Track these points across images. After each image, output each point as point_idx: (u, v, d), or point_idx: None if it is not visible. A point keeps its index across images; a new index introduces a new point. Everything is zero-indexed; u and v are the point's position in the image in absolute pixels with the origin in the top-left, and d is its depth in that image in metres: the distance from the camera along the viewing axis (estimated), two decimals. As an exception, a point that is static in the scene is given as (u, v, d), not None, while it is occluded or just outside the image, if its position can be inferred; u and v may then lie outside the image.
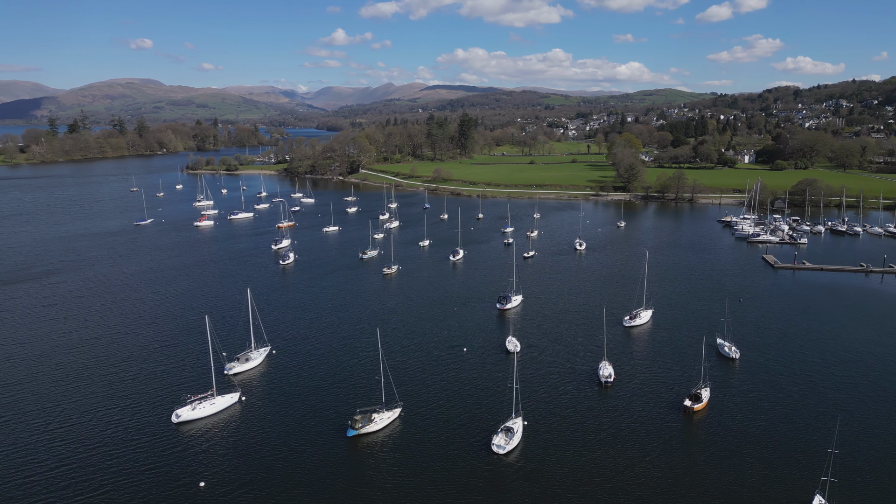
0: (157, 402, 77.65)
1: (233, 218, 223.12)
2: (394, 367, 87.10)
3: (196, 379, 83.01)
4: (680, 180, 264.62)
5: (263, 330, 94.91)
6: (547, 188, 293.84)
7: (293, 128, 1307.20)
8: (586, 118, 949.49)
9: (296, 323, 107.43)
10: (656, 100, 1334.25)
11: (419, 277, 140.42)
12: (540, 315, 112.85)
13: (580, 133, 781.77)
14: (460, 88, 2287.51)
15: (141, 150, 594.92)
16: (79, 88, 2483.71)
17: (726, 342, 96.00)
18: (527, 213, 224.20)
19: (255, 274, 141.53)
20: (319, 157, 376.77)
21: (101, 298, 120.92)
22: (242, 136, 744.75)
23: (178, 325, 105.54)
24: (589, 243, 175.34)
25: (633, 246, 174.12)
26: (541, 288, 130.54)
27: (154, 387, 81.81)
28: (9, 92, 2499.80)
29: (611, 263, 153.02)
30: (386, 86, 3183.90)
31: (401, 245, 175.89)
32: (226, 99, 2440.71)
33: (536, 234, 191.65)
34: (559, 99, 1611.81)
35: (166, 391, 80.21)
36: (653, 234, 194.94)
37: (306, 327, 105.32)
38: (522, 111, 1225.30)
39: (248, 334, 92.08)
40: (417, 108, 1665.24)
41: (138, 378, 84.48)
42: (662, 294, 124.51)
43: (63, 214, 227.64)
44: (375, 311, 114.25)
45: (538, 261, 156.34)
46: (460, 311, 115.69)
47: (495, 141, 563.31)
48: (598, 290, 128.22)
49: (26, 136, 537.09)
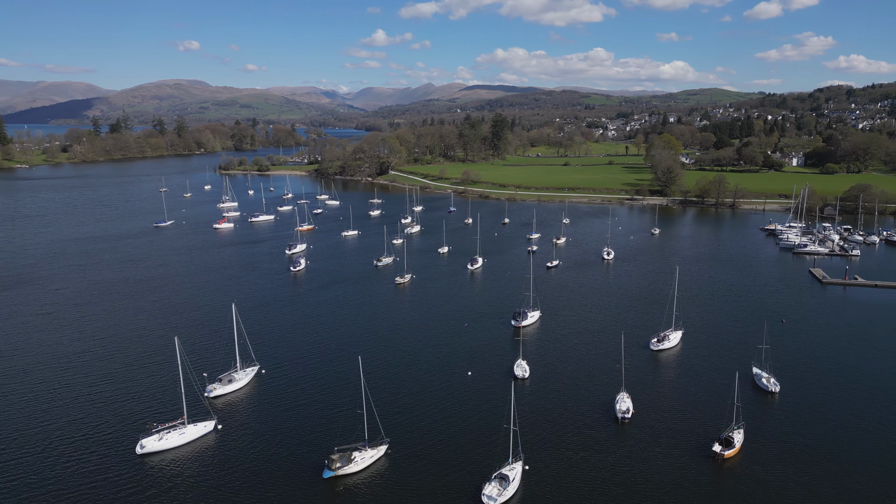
0: (124, 429, 71.20)
1: (253, 220, 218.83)
2: (387, 395, 79.32)
3: (173, 403, 76.30)
4: (721, 184, 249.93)
5: (251, 347, 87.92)
6: (579, 191, 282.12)
7: (332, 128, 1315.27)
8: (627, 118, 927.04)
9: (292, 339, 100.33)
10: (701, 99, 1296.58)
11: (433, 288, 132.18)
12: (556, 334, 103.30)
13: (620, 133, 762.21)
14: (499, 88, 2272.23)
15: (179, 150, 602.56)
16: (129, 89, 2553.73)
17: (765, 372, 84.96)
18: (555, 219, 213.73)
19: (261, 282, 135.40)
20: (349, 158, 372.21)
21: (98, 307, 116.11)
22: (280, 136, 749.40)
23: (164, 342, 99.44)
24: (618, 252, 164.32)
25: (667, 257, 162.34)
26: (561, 303, 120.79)
27: (124, 411, 75.45)
28: (64, 92, 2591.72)
29: (640, 276, 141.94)
30: (426, 86, 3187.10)
31: (418, 252, 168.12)
32: (268, 99, 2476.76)
33: (563, 241, 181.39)
34: (600, 99, 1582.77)
35: (135, 417, 73.75)
36: (689, 244, 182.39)
37: (302, 344, 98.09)
38: (561, 111, 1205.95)
39: (234, 353, 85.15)
40: (456, 108, 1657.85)
41: (111, 401, 78.28)
42: (695, 312, 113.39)
43: (87, 215, 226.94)
44: (379, 327, 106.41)
45: (561, 272, 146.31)
46: (471, 327, 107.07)
47: (530, 141, 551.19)
48: (623, 308, 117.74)
49: (69, 135, 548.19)
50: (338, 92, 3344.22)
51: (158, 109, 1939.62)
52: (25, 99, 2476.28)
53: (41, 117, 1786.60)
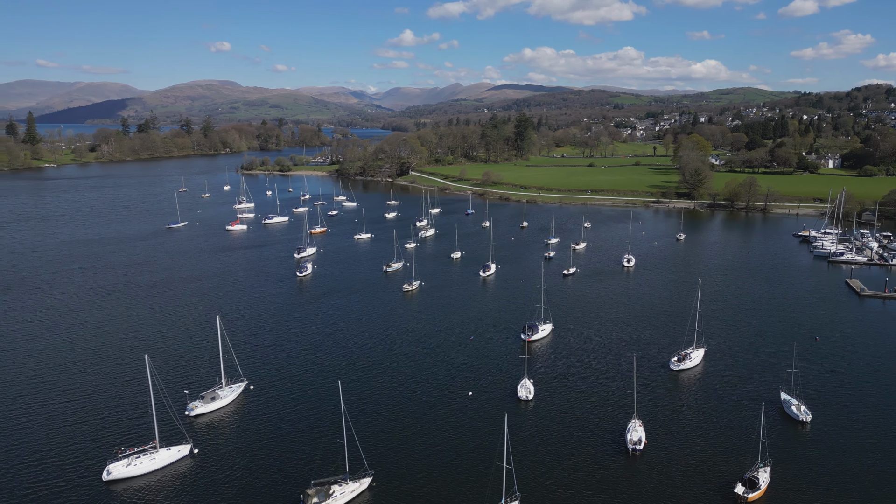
0: (93, 452, 66.56)
1: (267, 222, 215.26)
2: (376, 418, 73.53)
3: (148, 425, 71.36)
4: (752, 187, 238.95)
5: (237, 362, 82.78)
6: (603, 193, 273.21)
7: (360, 128, 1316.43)
8: (656, 118, 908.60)
9: (286, 352, 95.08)
10: (734, 99, 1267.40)
11: (441, 296, 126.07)
12: (568, 350, 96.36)
13: (649, 134, 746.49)
14: (527, 88, 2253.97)
15: (205, 150, 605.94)
16: (162, 90, 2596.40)
17: (794, 399, 77.01)
18: (576, 223, 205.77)
19: (265, 289, 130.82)
20: (370, 159, 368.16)
21: (93, 314, 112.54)
22: (305, 136, 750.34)
23: (151, 355, 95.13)
24: (640, 259, 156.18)
25: (691, 265, 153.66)
26: (575, 315, 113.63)
27: (96, 432, 70.83)
28: (100, 93, 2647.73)
29: (662, 286, 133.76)
30: (453, 86, 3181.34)
31: (430, 257, 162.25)
32: (298, 99, 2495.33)
33: (583, 246, 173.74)
34: (629, 98, 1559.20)
35: (106, 439, 69.05)
36: (715, 251, 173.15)
37: (296, 358, 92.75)
38: (589, 111, 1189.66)
39: (220, 368, 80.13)
40: (483, 108, 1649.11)
41: (84, 420, 73.71)
42: (719, 328, 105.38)
43: (103, 216, 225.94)
44: (379, 340, 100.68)
45: (578, 280, 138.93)
46: (477, 340, 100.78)
47: (555, 142, 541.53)
48: (642, 322, 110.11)
49: (97, 135, 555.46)
50: (366, 92, 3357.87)
51: (190, 109, 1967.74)
52: (63, 99, 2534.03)
53: (78, 117, 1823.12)
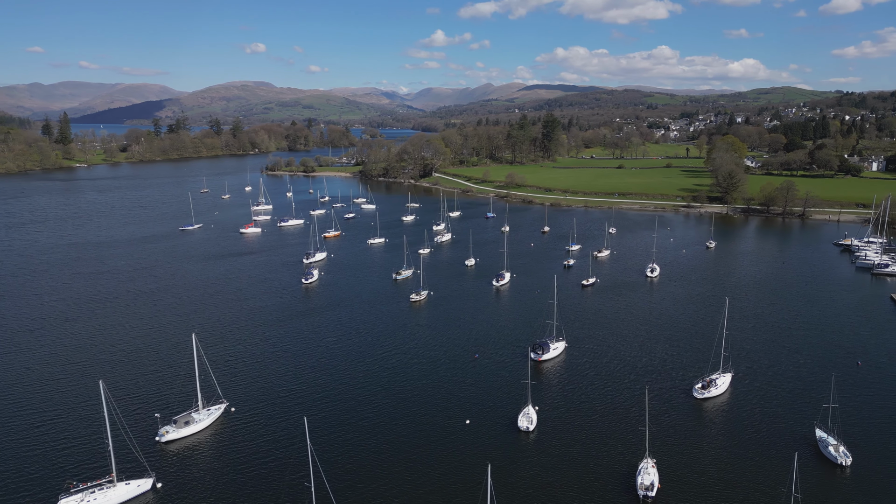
0: (47, 484, 61.25)
1: (282, 225, 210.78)
2: (358, 451, 66.76)
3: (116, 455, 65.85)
4: (789, 191, 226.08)
5: (216, 383, 76.89)
6: (631, 197, 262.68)
7: (390, 128, 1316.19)
8: (691, 118, 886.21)
9: (274, 369, 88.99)
10: (772, 98, 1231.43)
11: (450, 308, 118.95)
12: (579, 373, 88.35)
13: (682, 134, 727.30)
14: (559, 88, 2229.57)
15: (234, 150, 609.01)
16: (199, 91, 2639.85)
17: (832, 438, 67.97)
18: (600, 228, 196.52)
19: (266, 297, 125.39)
20: (393, 160, 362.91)
21: (84, 325, 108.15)
22: (334, 136, 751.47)
23: (128, 372, 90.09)
24: (665, 269, 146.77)
25: (721, 276, 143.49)
26: (591, 332, 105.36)
27: (55, 462, 65.58)
28: (139, 94, 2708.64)
29: (687, 300, 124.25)
30: (485, 86, 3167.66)
31: (444, 264, 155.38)
32: (330, 100, 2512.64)
33: (607, 254, 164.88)
34: (664, 98, 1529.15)
35: (61, 471, 63.67)
36: (748, 260, 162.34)
37: (283, 376, 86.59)
38: (622, 111, 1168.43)
39: (196, 389, 74.41)
40: (514, 108, 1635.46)
41: (47, 448, 68.65)
42: (750, 350, 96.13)
43: (120, 218, 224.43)
44: (376, 357, 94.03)
45: (597, 292, 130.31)
46: (482, 358, 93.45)
47: (584, 142, 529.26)
48: (663, 341, 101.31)
49: (128, 135, 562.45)
50: (398, 93, 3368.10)
51: (225, 110, 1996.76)
52: (104, 100, 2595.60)
53: (117, 117, 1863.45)
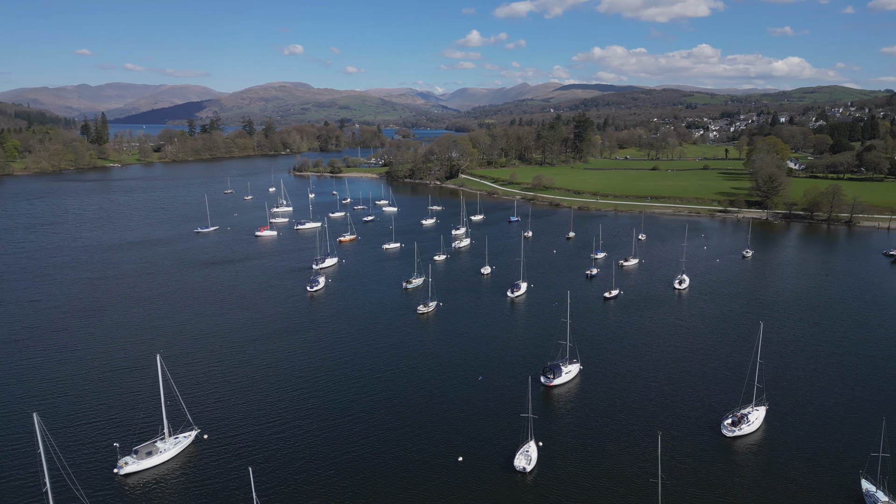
0: (-17, 522, 55.50)
1: (299, 228, 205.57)
2: (330, 494, 59.24)
3: (59, 490, 59.74)
4: (835, 196, 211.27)
5: (186, 408, 70.33)
6: (663, 200, 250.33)
7: (424, 129, 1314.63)
8: (732, 118, 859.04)
9: (256, 392, 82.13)
10: (818, 98, 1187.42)
11: (458, 321, 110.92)
12: (591, 403, 79.42)
13: (722, 135, 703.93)
14: (596, 87, 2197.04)
15: (266, 151, 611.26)
16: (239, 92, 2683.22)
17: (881, 493, 57.94)
18: (628, 234, 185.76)
19: (267, 307, 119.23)
20: (419, 161, 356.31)
21: (69, 337, 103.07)
22: (366, 136, 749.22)
23: (100, 395, 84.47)
24: (696, 281, 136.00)
25: (757, 290, 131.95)
26: (609, 353, 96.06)
27: (9, 493, 59.86)
28: (182, 95, 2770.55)
29: (718, 318, 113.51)
30: (520, 86, 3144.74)
31: (458, 272, 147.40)
32: (366, 101, 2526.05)
33: (634, 263, 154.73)
34: (704, 97, 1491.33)
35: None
36: (789, 272, 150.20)
37: (268, 399, 79.76)
38: (660, 111, 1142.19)
39: (162, 415, 68.04)
40: (550, 108, 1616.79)
41: (-2, 472, 63.09)
42: (788, 380, 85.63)
43: (138, 219, 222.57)
44: (372, 378, 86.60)
45: (620, 306, 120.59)
46: (487, 381, 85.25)
47: (619, 143, 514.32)
48: (690, 367, 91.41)
49: (162, 135, 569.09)
50: (433, 93, 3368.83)
51: (264, 110, 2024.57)
52: (148, 101, 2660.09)
53: (160, 118, 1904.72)
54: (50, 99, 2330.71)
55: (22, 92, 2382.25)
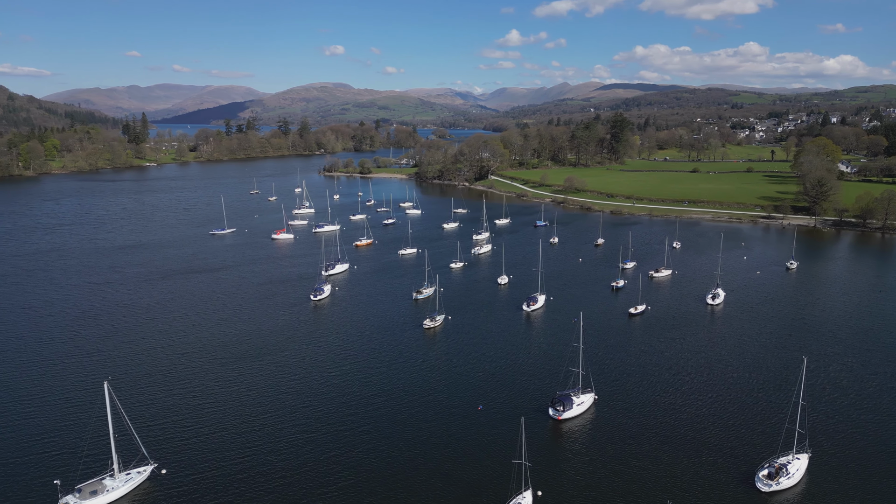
0: None
1: (318, 231, 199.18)
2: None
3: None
4: (890, 202, 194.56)
5: (139, 440, 63.12)
6: (702, 205, 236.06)
7: (461, 129, 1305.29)
8: (780, 118, 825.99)
9: (232, 420, 74.78)
10: (872, 97, 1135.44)
11: (466, 338, 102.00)
12: (603, 443, 69.61)
13: (769, 135, 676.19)
14: (638, 87, 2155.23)
15: (300, 150, 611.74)
16: (281, 92, 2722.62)
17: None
18: (662, 242, 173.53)
19: (261, 322, 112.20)
20: (449, 162, 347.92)
21: (49, 350, 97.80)
22: (400, 137, 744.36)
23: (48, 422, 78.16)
24: (732, 296, 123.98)
25: (802, 309, 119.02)
26: (629, 380, 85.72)
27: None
28: (226, 95, 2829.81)
29: (755, 342, 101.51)
30: (561, 86, 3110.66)
31: (473, 282, 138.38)
32: (405, 101, 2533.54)
33: (667, 274, 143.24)
34: (751, 97, 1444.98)
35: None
36: (839, 288, 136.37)
37: (239, 429, 72.29)
38: (704, 110, 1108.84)
39: (111, 449, 60.99)
40: (590, 107, 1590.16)
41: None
42: (836, 419, 74.20)
43: (158, 220, 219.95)
44: (361, 405, 78.45)
45: (645, 324, 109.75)
46: (487, 411, 76.22)
47: (659, 144, 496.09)
48: (719, 402, 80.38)
49: (198, 135, 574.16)
50: (472, 93, 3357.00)
51: (305, 111, 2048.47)
52: (194, 101, 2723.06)
53: (205, 118, 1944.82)
54: (101, 99, 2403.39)
55: (76, 93, 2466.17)
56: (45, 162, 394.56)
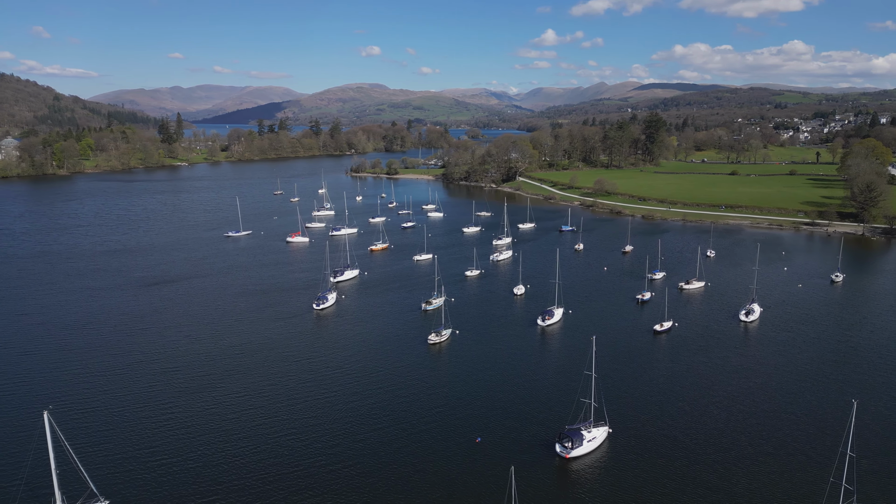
0: None
1: (335, 234, 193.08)
2: None
3: None
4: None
5: (84, 472, 56.57)
6: (740, 210, 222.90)
7: (495, 129, 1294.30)
8: (826, 119, 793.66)
9: (201, 446, 68.26)
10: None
11: (472, 357, 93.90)
12: (618, 487, 60.86)
13: (814, 136, 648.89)
14: (677, 87, 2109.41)
15: (331, 151, 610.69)
16: (318, 93, 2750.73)
17: None
18: (695, 250, 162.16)
19: (257, 333, 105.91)
20: (476, 163, 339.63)
21: (27, 364, 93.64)
22: (432, 137, 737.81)
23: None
24: (768, 312, 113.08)
25: (849, 329, 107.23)
26: (648, 409, 76.41)
27: None
28: (265, 96, 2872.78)
29: (794, 370, 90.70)
30: (597, 85, 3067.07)
31: (487, 291, 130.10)
32: (440, 101, 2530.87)
33: (699, 286, 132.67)
34: (796, 97, 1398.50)
35: None
36: (888, 303, 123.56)
37: (206, 458, 65.68)
38: (746, 110, 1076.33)
39: (53, 487, 54.76)
40: (627, 107, 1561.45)
41: None
42: (891, 472, 63.85)
43: (176, 220, 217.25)
44: (345, 436, 71.19)
45: (672, 342, 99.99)
46: (486, 444, 68.22)
47: (696, 145, 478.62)
48: (749, 444, 70.70)
49: (230, 135, 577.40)
50: (507, 93, 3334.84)
51: (341, 111, 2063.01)
52: (234, 102, 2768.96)
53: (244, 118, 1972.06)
54: (146, 100, 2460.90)
55: (121, 93, 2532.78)
56: (78, 161, 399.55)
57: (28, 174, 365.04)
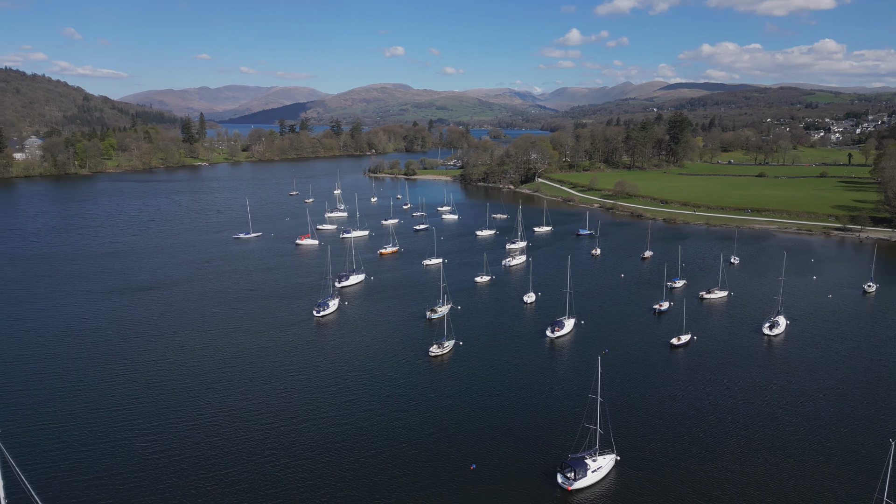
0: None
1: (345, 237, 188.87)
2: None
3: None
4: None
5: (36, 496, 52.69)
6: (767, 214, 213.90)
7: (518, 129, 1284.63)
8: (858, 119, 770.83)
9: (176, 469, 63.96)
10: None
11: (474, 371, 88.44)
12: (614, 525, 55.05)
13: (846, 137, 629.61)
14: (704, 86, 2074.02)
15: (351, 151, 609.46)
16: (342, 93, 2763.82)
17: None
18: (718, 256, 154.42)
19: (256, 340, 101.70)
20: (495, 164, 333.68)
21: (10, 375, 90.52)
22: (453, 137, 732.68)
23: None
24: (795, 325, 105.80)
25: (883, 345, 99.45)
26: (659, 436, 70.20)
27: None
28: (290, 96, 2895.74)
29: (824, 392, 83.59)
30: (623, 85, 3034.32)
31: (496, 299, 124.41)
32: (463, 101, 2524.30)
33: (722, 295, 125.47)
34: (827, 96, 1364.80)
35: None
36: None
37: (180, 482, 61.32)
38: (775, 110, 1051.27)
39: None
40: (653, 107, 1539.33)
41: None
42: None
43: (188, 221, 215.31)
44: (334, 460, 66.37)
45: (690, 358, 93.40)
46: (481, 472, 62.86)
47: (723, 146, 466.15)
48: (770, 475, 64.29)
49: (251, 135, 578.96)
50: (531, 93, 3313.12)
51: (365, 111, 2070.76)
52: (260, 102, 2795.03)
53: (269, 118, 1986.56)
54: (174, 101, 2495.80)
55: (150, 94, 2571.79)
56: (100, 161, 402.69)
57: (50, 174, 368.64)
